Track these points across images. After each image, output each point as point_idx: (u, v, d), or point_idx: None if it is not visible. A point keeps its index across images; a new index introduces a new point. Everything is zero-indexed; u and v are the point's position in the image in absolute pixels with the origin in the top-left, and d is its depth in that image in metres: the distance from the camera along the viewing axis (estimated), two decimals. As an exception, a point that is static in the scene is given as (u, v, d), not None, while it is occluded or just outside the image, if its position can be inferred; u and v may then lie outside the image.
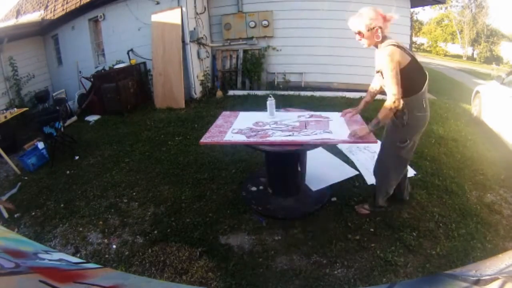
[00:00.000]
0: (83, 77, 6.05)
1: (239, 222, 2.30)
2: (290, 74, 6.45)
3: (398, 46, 1.77)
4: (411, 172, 2.93)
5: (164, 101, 5.59)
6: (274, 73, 6.50)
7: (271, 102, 2.47)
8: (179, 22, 5.38)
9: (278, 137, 2.08)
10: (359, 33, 1.85)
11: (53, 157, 3.65)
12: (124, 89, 5.37)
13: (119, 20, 6.13)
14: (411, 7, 6.43)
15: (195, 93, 5.95)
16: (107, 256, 2.09)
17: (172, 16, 5.42)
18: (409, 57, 1.80)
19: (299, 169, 2.42)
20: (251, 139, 2.07)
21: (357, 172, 2.97)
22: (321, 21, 6.02)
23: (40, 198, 2.90)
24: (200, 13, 5.97)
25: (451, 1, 24.18)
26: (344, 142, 2.06)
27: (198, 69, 6.01)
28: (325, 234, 2.14)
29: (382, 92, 2.03)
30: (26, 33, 6.93)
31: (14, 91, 6.37)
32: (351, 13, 1.87)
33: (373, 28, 1.80)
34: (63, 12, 6.65)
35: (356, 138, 2.00)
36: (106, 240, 2.24)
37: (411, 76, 1.83)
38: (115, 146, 3.97)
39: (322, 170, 2.97)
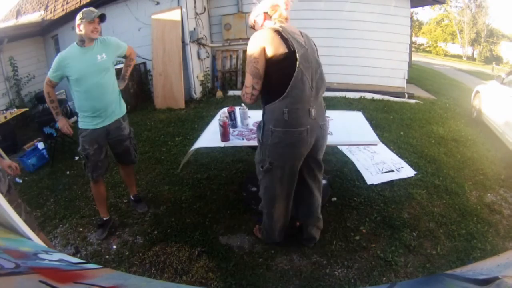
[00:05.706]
0: (83, 77, 6.04)
1: (239, 222, 2.30)
2: (290, 74, 6.46)
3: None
4: (411, 172, 2.93)
5: (164, 102, 5.59)
6: (274, 73, 6.49)
7: (242, 112, 2.34)
8: (179, 22, 5.39)
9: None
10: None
11: (53, 157, 3.65)
12: (124, 90, 5.35)
13: (119, 20, 6.12)
14: (411, 7, 6.43)
15: (195, 94, 5.95)
16: (107, 256, 2.09)
17: (172, 16, 5.42)
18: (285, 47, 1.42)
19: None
20: (251, 142, 2.07)
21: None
22: (320, 21, 6.01)
23: (40, 199, 2.90)
24: (200, 13, 5.97)
25: (451, 1, 24.20)
26: (344, 144, 2.06)
27: (198, 70, 6.01)
28: (325, 234, 2.13)
29: (381, 91, 2.02)
30: (26, 33, 6.94)
31: (14, 92, 6.36)
32: (349, 13, 1.85)
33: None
34: (63, 13, 6.65)
35: None
36: (106, 241, 2.24)
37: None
38: (115, 146, 3.97)
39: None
